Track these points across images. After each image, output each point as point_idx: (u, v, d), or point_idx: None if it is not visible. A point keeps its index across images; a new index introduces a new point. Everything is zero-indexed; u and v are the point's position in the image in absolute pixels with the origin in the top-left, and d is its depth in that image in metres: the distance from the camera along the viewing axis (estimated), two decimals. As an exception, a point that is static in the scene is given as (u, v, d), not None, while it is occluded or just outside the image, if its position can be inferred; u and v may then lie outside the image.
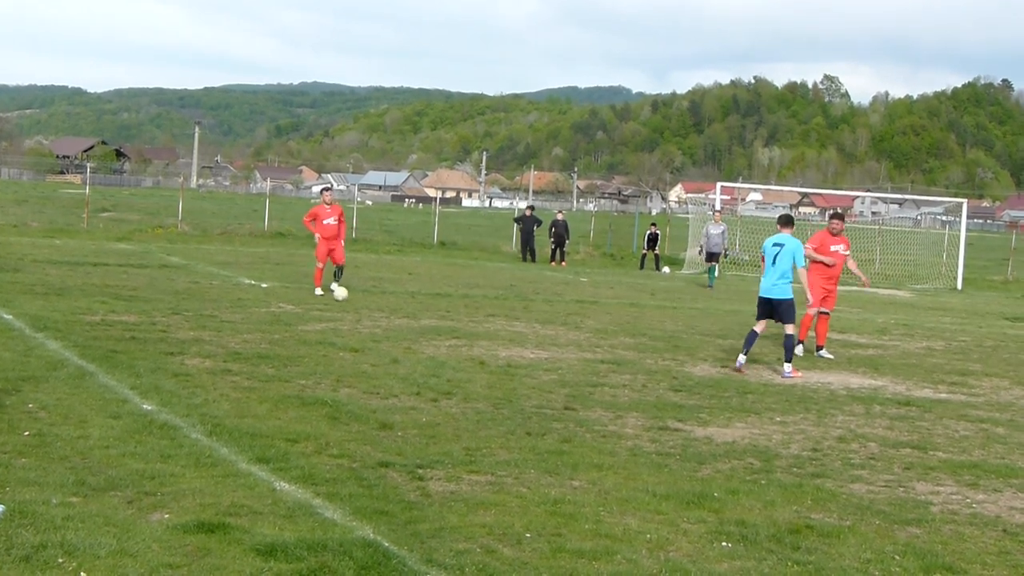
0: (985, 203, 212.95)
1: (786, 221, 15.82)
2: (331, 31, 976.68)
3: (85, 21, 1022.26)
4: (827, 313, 17.71)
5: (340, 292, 20.79)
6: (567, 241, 41.14)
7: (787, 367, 14.96)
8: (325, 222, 22.04)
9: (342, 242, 22.36)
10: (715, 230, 33.77)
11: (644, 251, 42.81)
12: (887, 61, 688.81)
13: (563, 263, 40.49)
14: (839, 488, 8.77)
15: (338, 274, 22.21)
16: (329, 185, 26.79)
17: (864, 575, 6.71)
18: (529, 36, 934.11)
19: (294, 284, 23.56)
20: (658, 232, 42.61)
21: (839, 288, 18.68)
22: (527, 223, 41.65)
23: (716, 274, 33.96)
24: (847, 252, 17.96)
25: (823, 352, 17.38)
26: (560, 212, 43.82)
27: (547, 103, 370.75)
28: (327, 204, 22.28)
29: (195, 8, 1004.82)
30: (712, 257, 33.75)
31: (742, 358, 15.07)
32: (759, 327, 15.36)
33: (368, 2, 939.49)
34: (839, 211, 18.82)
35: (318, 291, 21.43)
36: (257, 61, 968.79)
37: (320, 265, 21.97)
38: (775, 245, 15.41)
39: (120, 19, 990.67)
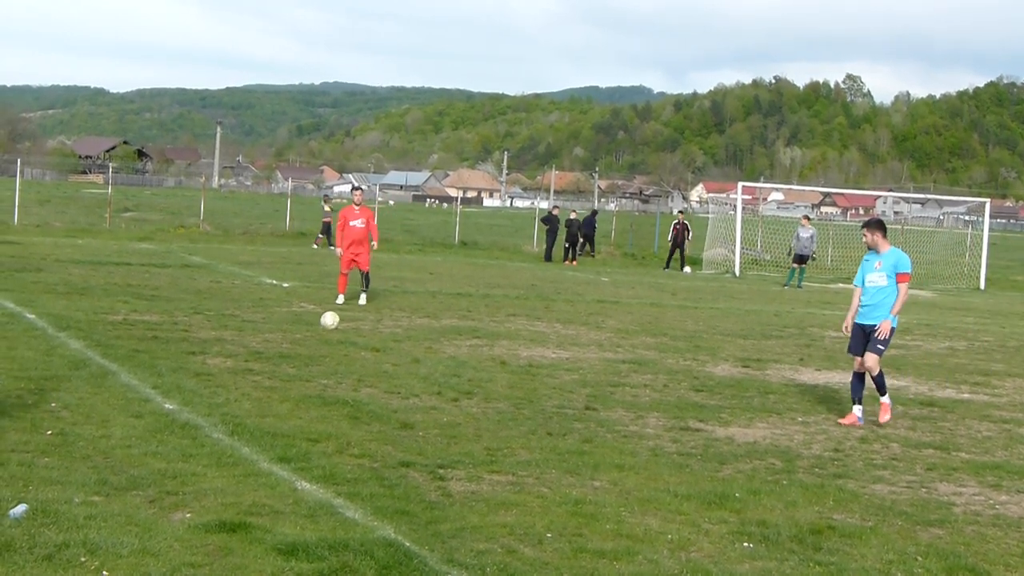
0: (1008, 203, 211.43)
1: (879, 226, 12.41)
2: (343, 29, 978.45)
3: (107, 21, 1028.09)
4: None
5: (363, 300, 20.32)
6: (580, 241, 41.62)
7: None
8: (352, 223, 20.72)
9: (371, 245, 20.85)
10: (804, 233, 35.62)
11: (671, 247, 41.69)
12: (906, 60, 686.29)
13: (574, 262, 40.62)
14: (861, 489, 8.73)
15: (364, 283, 20.71)
16: (360, 187, 25.57)
17: (886, 576, 6.68)
18: (545, 35, 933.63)
19: (315, 284, 23.61)
20: (686, 223, 40.85)
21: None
22: (552, 223, 41.78)
23: (803, 275, 35.72)
24: None
25: None
26: (573, 212, 43.87)
27: (568, 103, 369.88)
28: (356, 205, 21.14)
29: (205, 5, 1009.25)
30: (800, 259, 35.54)
31: None
32: None
33: (377, 1, 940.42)
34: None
35: (340, 299, 20.34)
36: (278, 61, 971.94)
37: (344, 271, 20.69)
38: None
39: (142, 19, 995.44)
